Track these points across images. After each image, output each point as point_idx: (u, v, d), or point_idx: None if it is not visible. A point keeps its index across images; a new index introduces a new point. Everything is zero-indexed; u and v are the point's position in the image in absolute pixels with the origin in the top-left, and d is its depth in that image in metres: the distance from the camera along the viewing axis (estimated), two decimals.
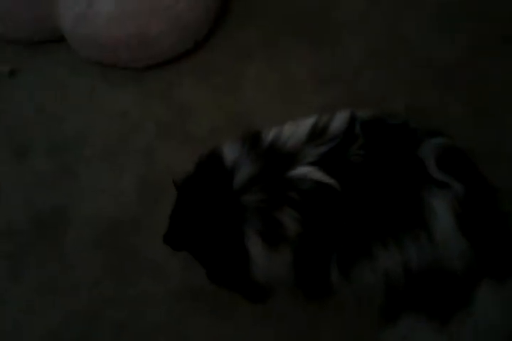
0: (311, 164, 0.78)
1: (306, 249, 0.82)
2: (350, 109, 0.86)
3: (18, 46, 1.45)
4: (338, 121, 0.84)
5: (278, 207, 0.79)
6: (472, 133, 1.16)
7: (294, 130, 0.85)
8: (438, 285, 0.82)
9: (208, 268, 0.92)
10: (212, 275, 0.93)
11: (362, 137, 0.80)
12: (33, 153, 1.33)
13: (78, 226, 1.23)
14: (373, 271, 0.81)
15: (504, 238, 0.87)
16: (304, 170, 0.79)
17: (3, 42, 1.46)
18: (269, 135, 0.86)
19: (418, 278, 0.80)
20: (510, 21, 1.33)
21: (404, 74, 1.30)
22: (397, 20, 1.39)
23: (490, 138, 1.16)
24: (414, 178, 0.79)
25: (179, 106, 1.36)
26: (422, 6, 1.40)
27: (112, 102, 1.39)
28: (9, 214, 1.26)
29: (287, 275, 0.85)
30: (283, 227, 0.79)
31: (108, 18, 1.29)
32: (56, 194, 1.28)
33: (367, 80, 1.31)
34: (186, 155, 0.94)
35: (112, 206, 1.24)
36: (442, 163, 0.81)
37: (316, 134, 0.83)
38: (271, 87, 1.34)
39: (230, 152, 0.85)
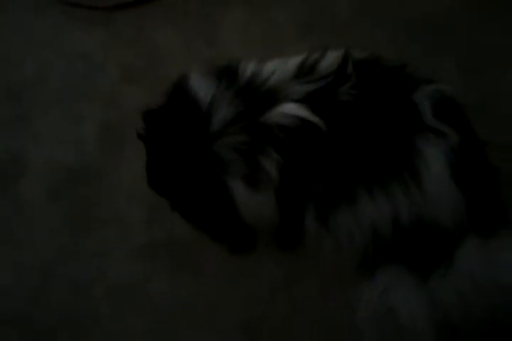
0: (297, 101, 0.74)
1: (287, 190, 0.77)
2: (344, 48, 0.81)
3: None
4: (330, 59, 0.79)
5: (261, 149, 0.74)
6: (460, 87, 1.09)
7: (279, 66, 0.79)
8: (425, 239, 0.78)
9: (192, 216, 0.86)
10: (198, 223, 0.87)
11: (354, 77, 0.76)
12: None
13: (34, 175, 1.16)
14: (355, 218, 0.77)
15: (493, 193, 0.84)
16: (288, 107, 0.74)
17: None
18: (248, 69, 0.79)
19: (407, 231, 0.77)
20: None
21: (393, 27, 1.23)
22: None
23: (477, 92, 1.12)
24: (406, 123, 0.75)
25: (148, 49, 1.27)
26: None
27: (75, 44, 1.29)
28: None
29: (272, 217, 0.81)
30: (265, 169, 0.75)
31: None
32: (11, 141, 1.19)
33: (353, 30, 1.24)
34: (154, 101, 0.87)
35: (71, 154, 1.16)
36: (438, 110, 0.77)
37: (304, 72, 0.78)
38: (250, 33, 1.26)
39: (202, 88, 0.78)
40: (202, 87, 0.78)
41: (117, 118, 1.19)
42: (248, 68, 0.79)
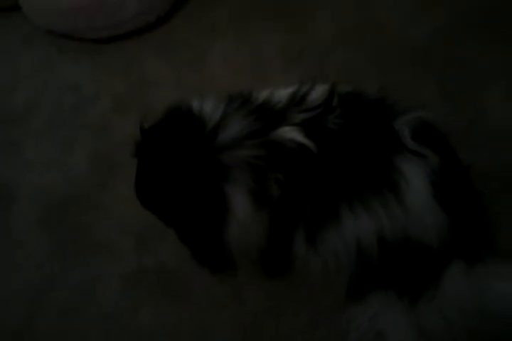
0: (296, 126, 0.78)
1: (283, 210, 0.78)
2: (330, 82, 0.86)
3: None
4: (318, 92, 0.83)
5: (271, 165, 0.76)
6: (443, 114, 1.12)
7: (278, 95, 0.83)
8: (411, 260, 0.79)
9: (179, 227, 0.85)
10: (183, 236, 0.86)
11: (340, 108, 0.80)
12: None
13: (24, 202, 1.16)
14: (340, 236, 0.78)
15: (478, 218, 0.85)
16: (289, 131, 0.77)
17: None
18: (260, 96, 0.84)
19: (391, 249, 0.77)
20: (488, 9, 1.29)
21: (377, 54, 1.26)
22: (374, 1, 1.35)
23: (461, 119, 1.13)
24: (387, 146, 0.78)
25: (138, 80, 1.29)
26: None
27: (66, 74, 1.32)
28: None
29: (261, 239, 0.81)
30: (270, 186, 0.76)
31: None
32: (1, 168, 1.20)
33: (337, 59, 1.26)
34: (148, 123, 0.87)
35: (62, 182, 1.17)
36: (417, 134, 0.80)
37: (295, 102, 0.82)
38: (238, 64, 1.28)
39: (209, 106, 0.81)
40: (208, 106, 0.81)
41: (108, 147, 1.20)
42: (261, 95, 0.84)
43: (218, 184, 0.76)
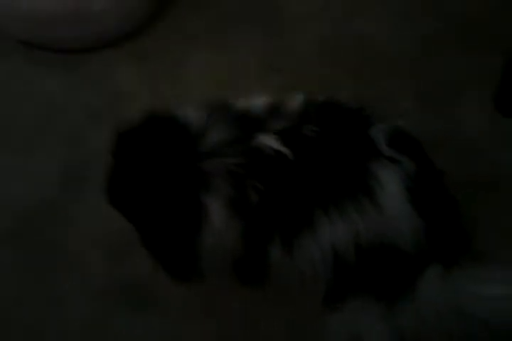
0: (273, 134, 0.78)
1: (259, 218, 0.78)
2: (307, 92, 0.87)
3: None
4: (295, 101, 0.84)
5: (251, 173, 0.76)
6: (419, 123, 1.12)
7: (254, 104, 0.84)
8: (388, 264, 0.79)
9: (147, 230, 0.83)
10: (150, 241, 0.84)
11: (316, 117, 0.82)
12: None
13: None
14: (316, 243, 0.77)
15: (454, 222, 0.85)
16: (267, 139, 0.78)
17: None
18: (238, 104, 0.84)
19: (368, 254, 0.77)
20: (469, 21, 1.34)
21: (354, 65, 1.28)
22: (352, 13, 1.38)
23: (437, 128, 1.16)
24: (362, 152, 0.79)
25: (112, 92, 1.27)
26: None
27: (37, 86, 1.30)
28: None
29: (235, 248, 0.80)
30: (250, 194, 0.76)
31: None
32: None
33: (315, 69, 1.28)
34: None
35: (27, 194, 1.13)
36: (392, 141, 0.81)
37: (273, 111, 0.83)
38: (216, 73, 1.28)
39: (191, 115, 0.81)
40: (192, 114, 0.81)
41: (79, 159, 1.17)
42: (239, 104, 0.84)
43: (196, 192, 0.76)
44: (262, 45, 1.32)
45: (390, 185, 0.76)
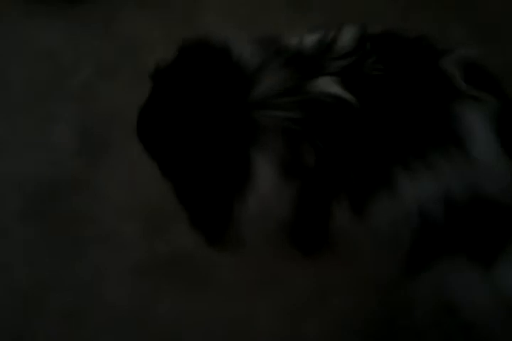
0: (333, 76, 0.70)
1: (317, 184, 0.71)
2: (358, 24, 0.78)
3: None
4: (347, 35, 0.76)
5: (309, 131, 0.68)
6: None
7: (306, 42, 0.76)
8: (483, 219, 0.71)
9: (182, 183, 0.77)
10: (185, 196, 0.77)
11: (376, 52, 0.73)
12: None
13: (1, 191, 1.03)
14: (397, 204, 0.69)
15: None
16: (327, 82, 0.70)
17: None
18: (291, 42, 0.76)
19: (460, 210, 0.70)
20: None
21: None
22: None
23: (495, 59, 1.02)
24: (440, 92, 0.71)
25: (122, 41, 1.17)
26: None
27: (39, 41, 1.18)
28: None
29: (287, 218, 0.74)
30: (305, 156, 0.69)
31: None
32: None
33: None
34: (135, 98, 0.76)
35: (44, 164, 1.05)
36: (469, 76, 0.72)
37: (325, 49, 0.74)
38: (235, 14, 1.17)
39: (247, 51, 0.72)
40: (247, 50, 0.73)
41: (95, 120, 1.08)
42: (291, 41, 0.76)
43: (245, 146, 0.69)
44: None
45: (479, 130, 0.69)
